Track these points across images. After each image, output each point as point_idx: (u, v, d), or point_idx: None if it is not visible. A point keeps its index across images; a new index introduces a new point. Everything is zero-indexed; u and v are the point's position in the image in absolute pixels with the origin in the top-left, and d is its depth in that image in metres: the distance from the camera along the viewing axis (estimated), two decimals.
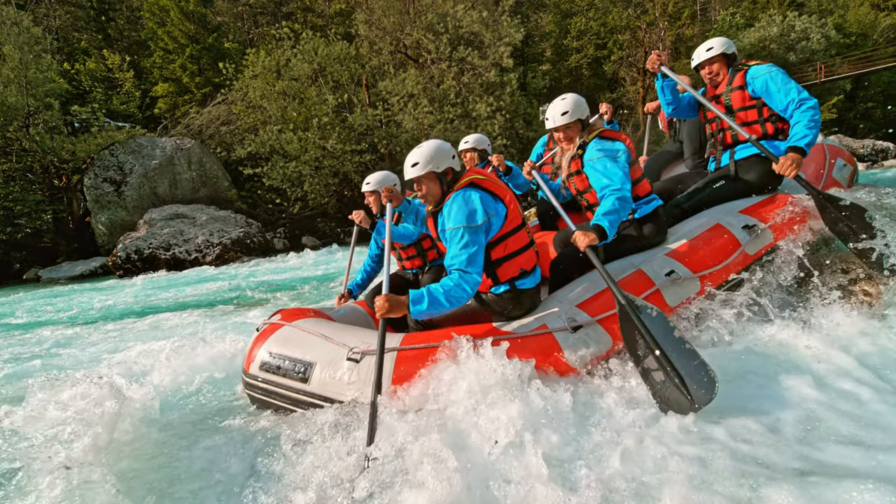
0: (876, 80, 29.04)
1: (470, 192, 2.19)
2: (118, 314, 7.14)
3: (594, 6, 29.14)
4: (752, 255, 2.72)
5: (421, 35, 18.10)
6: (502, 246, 2.25)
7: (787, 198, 2.99)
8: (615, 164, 2.55)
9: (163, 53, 22.81)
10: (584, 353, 2.16)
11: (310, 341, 2.36)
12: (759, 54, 26.85)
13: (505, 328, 2.23)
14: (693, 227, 2.82)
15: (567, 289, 2.49)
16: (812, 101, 2.71)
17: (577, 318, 2.22)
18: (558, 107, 2.67)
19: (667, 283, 2.44)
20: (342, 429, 1.99)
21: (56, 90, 17.45)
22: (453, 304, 2.08)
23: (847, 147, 21.24)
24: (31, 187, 16.85)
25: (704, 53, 3.03)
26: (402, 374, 2.08)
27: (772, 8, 29.50)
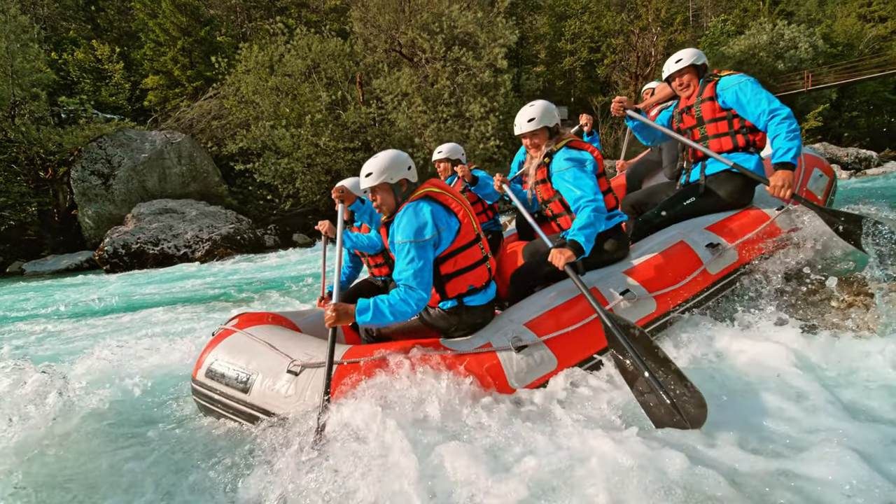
0: (861, 90, 29.67)
1: (422, 204, 2.17)
2: (97, 310, 7.04)
3: (588, 10, 29.35)
4: (713, 275, 2.63)
5: (416, 34, 18.08)
6: (452, 261, 2.23)
7: (758, 214, 2.91)
8: (584, 173, 2.51)
9: (154, 45, 22.49)
10: (525, 373, 2.14)
11: (255, 350, 2.33)
12: (749, 62, 27.30)
13: (450, 344, 2.22)
14: (656, 244, 2.74)
15: (520, 306, 2.47)
16: (785, 110, 2.64)
17: (522, 338, 2.20)
18: (525, 113, 2.64)
19: (621, 303, 2.38)
20: (278, 445, 1.97)
21: (43, 80, 17.15)
22: (397, 317, 2.08)
23: (832, 155, 21.67)
24: (16, 179, 16.56)
25: (674, 65, 3.00)
26: (339, 389, 2.04)
27: (762, 16, 29.99)
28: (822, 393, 1.91)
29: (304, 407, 2.04)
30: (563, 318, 2.31)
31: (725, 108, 2.84)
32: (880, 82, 29.03)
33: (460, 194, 2.42)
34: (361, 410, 1.91)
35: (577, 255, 2.32)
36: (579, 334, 2.29)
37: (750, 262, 2.73)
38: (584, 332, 2.30)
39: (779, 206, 2.91)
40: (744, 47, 27.29)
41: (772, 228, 2.84)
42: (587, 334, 2.30)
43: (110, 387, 2.90)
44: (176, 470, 2.11)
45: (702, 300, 2.58)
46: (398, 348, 2.19)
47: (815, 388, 1.95)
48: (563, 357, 2.22)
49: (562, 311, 2.36)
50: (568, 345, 2.25)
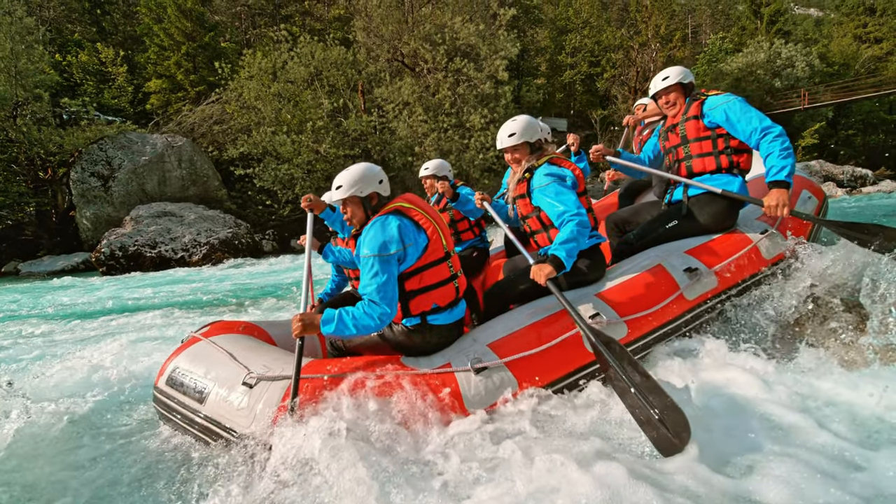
0: (857, 109, 30.07)
1: (390, 219, 2.15)
2: (85, 313, 7.01)
3: (589, 24, 29.75)
4: (690, 301, 2.52)
5: (418, 44, 18.28)
6: (417, 278, 2.20)
7: (741, 238, 2.80)
8: (565, 188, 2.47)
9: (158, 50, 22.65)
10: (483, 395, 2.08)
11: (216, 360, 2.29)
12: (746, 79, 27.67)
13: (409, 362, 2.18)
14: (633, 267, 2.66)
15: (487, 325, 2.42)
16: (777, 128, 2.58)
17: (484, 359, 2.14)
18: (506, 128, 2.62)
19: (591, 328, 2.26)
20: (230, 464, 1.95)
21: (46, 82, 17.23)
22: (360, 331, 2.06)
23: (827, 172, 21.88)
24: (15, 178, 16.56)
25: (661, 82, 2.93)
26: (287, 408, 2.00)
27: (759, 35, 30.44)
28: (799, 428, 1.84)
29: (255, 421, 1.98)
30: (529, 340, 2.25)
31: (710, 128, 2.78)
32: (876, 102, 29.45)
33: (435, 210, 2.40)
34: (310, 430, 1.86)
35: (557, 270, 2.28)
36: (544, 356, 2.21)
37: (730, 287, 2.63)
38: (549, 355, 2.22)
39: (762, 230, 2.83)
40: (741, 65, 27.67)
41: (754, 253, 2.75)
42: (553, 357, 2.22)
43: (76, 393, 2.90)
44: (112, 482, 2.09)
45: (678, 326, 2.49)
46: (357, 364, 2.15)
47: (790, 423, 1.87)
48: (524, 380, 2.14)
49: (529, 332, 2.29)
50: (531, 367, 2.17)
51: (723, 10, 39.65)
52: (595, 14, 30.54)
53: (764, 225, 2.89)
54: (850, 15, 36.70)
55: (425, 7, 19.33)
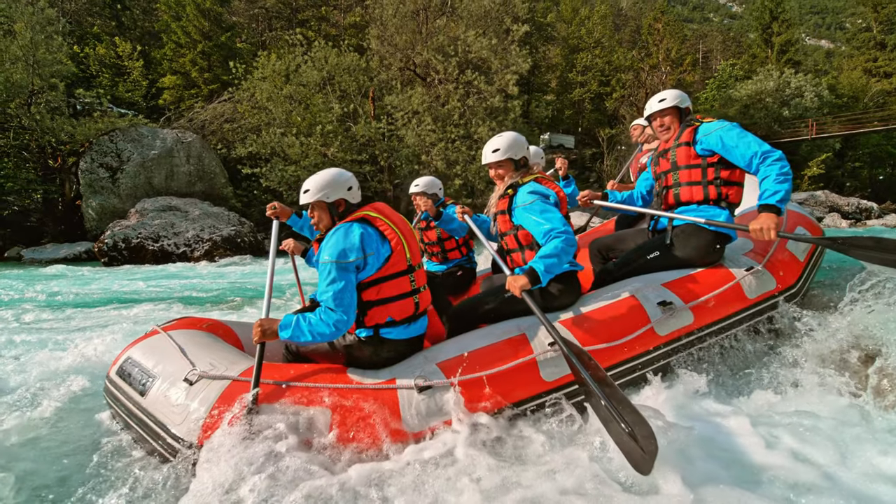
0: (864, 142, 30.17)
1: (354, 227, 2.12)
2: (71, 302, 7.00)
3: (601, 44, 30.03)
4: (662, 336, 2.39)
5: (431, 55, 18.50)
6: (376, 289, 2.15)
7: (724, 273, 2.67)
8: (550, 206, 2.39)
9: (174, 47, 23.01)
10: (424, 416, 1.99)
11: (167, 353, 2.25)
12: (755, 106, 27.85)
13: (355, 375, 2.11)
14: (605, 296, 2.55)
15: (444, 344, 2.34)
16: (777, 152, 2.47)
17: (430, 378, 2.06)
18: (491, 143, 2.56)
19: (547, 354, 2.19)
20: (164, 460, 1.93)
21: (63, 72, 17.48)
22: (315, 338, 2.02)
23: (833, 203, 21.88)
24: (25, 165, 16.72)
25: (656, 104, 2.81)
26: (221, 410, 1.95)
27: (770, 63, 30.69)
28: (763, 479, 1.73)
29: (187, 419, 1.94)
30: (482, 362, 2.14)
31: (702, 155, 2.66)
32: (884, 136, 29.55)
33: (404, 222, 2.36)
34: (233, 435, 1.82)
35: (532, 283, 2.20)
36: (497, 380, 2.11)
37: (708, 325, 2.50)
38: (502, 379, 2.12)
39: (747, 267, 2.67)
40: (750, 92, 27.88)
41: (737, 291, 2.60)
42: (507, 382, 2.13)
43: (26, 383, 2.91)
44: (35, 473, 2.08)
45: (647, 362, 2.36)
46: (300, 371, 2.12)
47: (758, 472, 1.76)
48: (473, 403, 2.05)
49: (483, 354, 2.19)
50: (481, 390, 2.08)
51: (734, 37, 40.08)
52: (607, 34, 30.86)
53: (751, 262, 2.75)
54: (860, 48, 37.00)
55: (440, 19, 19.59)
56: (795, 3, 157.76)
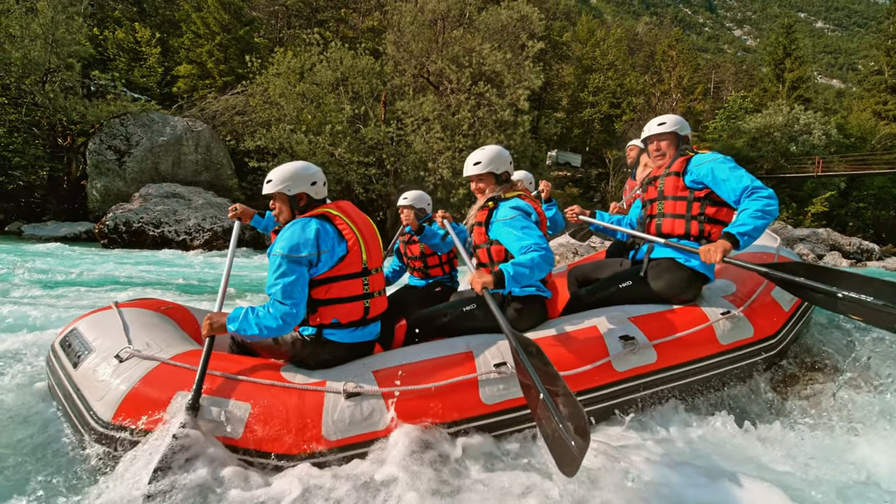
0: (870, 183, 30.27)
1: (312, 222, 2.09)
2: (65, 281, 6.97)
3: (614, 67, 30.29)
4: (620, 372, 2.25)
5: (445, 65, 18.68)
6: (325, 288, 2.10)
7: (698, 314, 2.50)
8: (531, 223, 2.33)
9: (193, 36, 23.26)
10: (347, 425, 1.89)
11: (111, 328, 2.21)
12: (763, 139, 28.01)
13: (288, 373, 2.04)
14: (567, 323, 2.44)
15: (388, 353, 2.27)
16: (766, 190, 2.34)
17: (362, 386, 1.97)
18: (473, 156, 2.52)
19: (490, 375, 2.09)
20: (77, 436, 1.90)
21: (80, 53, 17.63)
22: (263, 331, 1.96)
23: (834, 242, 21.88)
24: (34, 142, 16.79)
25: (655, 127, 2.71)
26: (139, 394, 1.90)
27: (780, 98, 30.93)
28: None
29: (108, 395, 1.91)
30: (422, 375, 2.05)
31: (690, 188, 2.55)
32: (889, 178, 29.65)
33: (368, 224, 2.33)
34: (143, 420, 1.81)
35: (495, 284, 2.11)
36: (434, 396, 2.01)
37: (671, 367, 2.35)
38: (439, 395, 2.01)
39: (724, 311, 2.51)
40: (759, 125, 28.07)
41: (708, 334, 2.44)
42: (444, 399, 2.01)
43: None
44: None
45: (599, 398, 2.21)
46: (235, 362, 2.07)
47: None
48: (404, 416, 1.95)
49: (425, 367, 2.10)
50: (413, 404, 1.98)
51: (747, 69, 40.45)
52: (621, 58, 31.15)
53: (729, 305, 2.58)
54: (871, 91, 37.28)
55: (457, 30, 19.81)
56: (809, 42, 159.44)
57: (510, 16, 19.75)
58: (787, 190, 28.28)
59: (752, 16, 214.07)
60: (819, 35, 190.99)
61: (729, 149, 28.66)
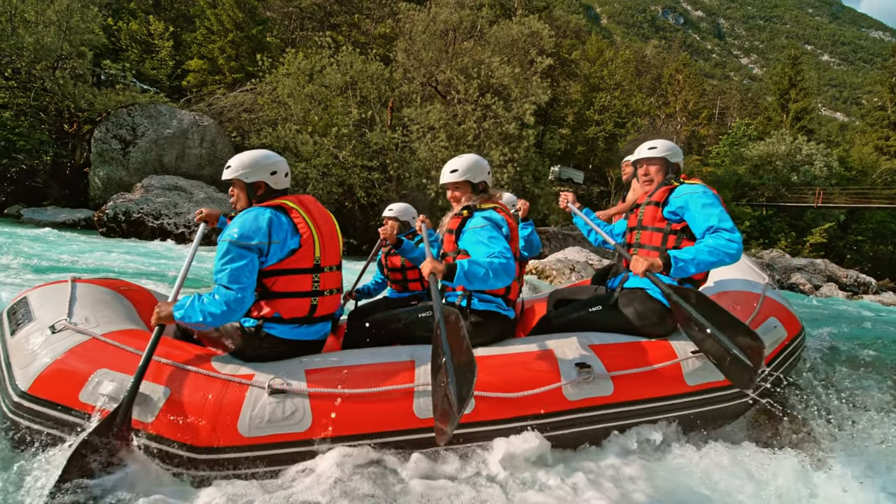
0: (869, 217, 30.47)
1: (267, 212, 2.03)
2: (50, 267, 6.95)
3: (621, 87, 30.57)
4: (571, 401, 2.10)
5: (454, 75, 18.83)
6: (271, 280, 2.04)
7: (666, 350, 2.35)
8: (500, 234, 2.26)
9: (206, 32, 23.46)
10: (265, 423, 1.81)
11: (57, 300, 2.18)
12: (765, 167, 28.22)
13: (218, 363, 1.97)
14: (530, 343, 2.33)
15: (330, 354, 2.19)
16: (732, 234, 2.18)
17: (290, 383, 1.89)
18: (450, 164, 2.49)
19: (428, 388, 1.95)
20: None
21: (93, 41, 17.74)
22: (207, 318, 1.88)
23: (831, 273, 21.92)
24: (40, 126, 16.81)
25: (646, 151, 2.61)
26: (61, 367, 1.86)
27: (784, 128, 31.21)
28: None
29: (31, 364, 1.88)
30: (357, 379, 1.96)
31: (667, 219, 2.43)
32: (889, 213, 29.84)
33: (327, 220, 2.28)
34: (55, 388, 1.78)
35: (445, 275, 2.04)
36: (362, 402, 1.90)
37: (628, 403, 2.19)
38: (367, 403, 1.91)
39: (695, 350, 2.31)
40: (762, 153, 28.31)
41: (674, 372, 2.28)
42: (373, 406, 1.92)
43: None
44: None
45: (547, 425, 2.07)
46: (170, 348, 2.01)
47: None
48: (325, 421, 1.85)
49: (364, 372, 2.01)
50: (340, 408, 1.88)
51: (752, 97, 40.86)
52: (628, 78, 31.46)
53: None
54: (874, 125, 37.66)
55: (467, 41, 20.01)
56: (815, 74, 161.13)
57: (521, 31, 19.97)
58: (787, 219, 28.44)
59: (760, 45, 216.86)
60: (825, 68, 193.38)
61: (731, 175, 28.87)
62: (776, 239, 26.78)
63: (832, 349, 2.86)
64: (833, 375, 2.94)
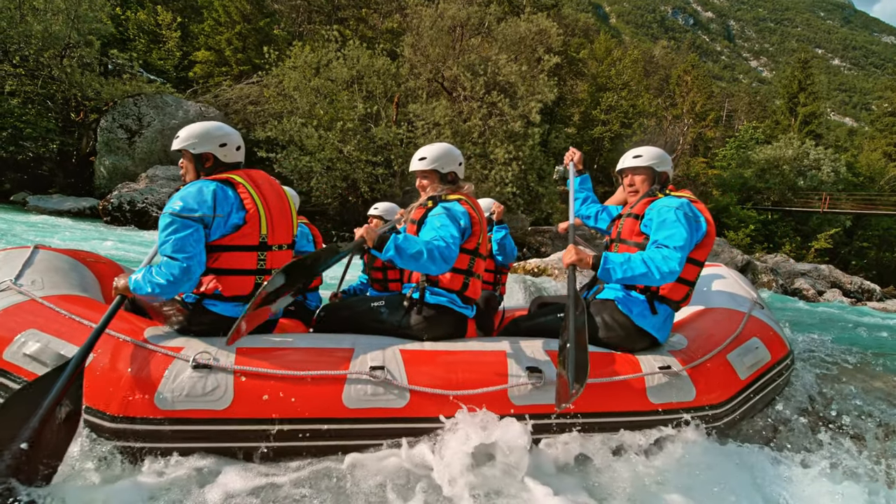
0: (876, 223, 30.24)
1: (214, 185, 1.97)
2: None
3: (628, 87, 30.40)
4: (517, 406, 2.01)
5: (460, 71, 18.76)
6: (214, 256, 1.98)
7: (630, 364, 2.24)
8: (452, 223, 2.17)
9: (213, 24, 23.45)
10: (184, 395, 1.75)
11: (12, 264, 2.21)
12: (771, 171, 28.03)
13: (149, 333, 1.93)
14: (486, 343, 2.22)
15: (273, 335, 2.14)
16: (675, 255, 2.07)
17: (217, 360, 1.83)
18: (420, 151, 2.45)
19: (361, 377, 1.91)
20: None
21: (101, 30, 17.79)
22: (155, 289, 1.83)
23: (835, 279, 21.78)
24: (47, 115, 16.88)
25: (630, 160, 2.49)
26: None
27: (792, 132, 30.99)
28: None
29: None
30: (291, 362, 1.89)
31: (645, 233, 2.33)
32: (895, 220, 29.63)
33: (278, 198, 2.20)
34: None
35: (377, 244, 1.99)
36: (288, 385, 1.83)
37: (580, 414, 2.07)
38: (297, 387, 1.84)
39: (663, 366, 2.24)
40: (769, 156, 28.12)
41: (636, 387, 2.16)
42: (301, 392, 1.84)
43: None
44: None
45: None
46: (106, 311, 1.98)
47: None
48: (248, 399, 1.79)
49: (300, 355, 1.95)
50: (264, 389, 1.81)
51: (760, 101, 40.55)
52: (636, 79, 31.26)
53: (672, 361, 2.29)
54: (883, 131, 37.36)
55: (475, 38, 19.92)
56: (825, 78, 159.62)
57: (529, 28, 19.86)
58: (792, 223, 28.26)
59: (770, 48, 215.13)
60: (835, 72, 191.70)
61: (737, 178, 28.70)
62: (781, 243, 26.61)
63: (830, 355, 2.82)
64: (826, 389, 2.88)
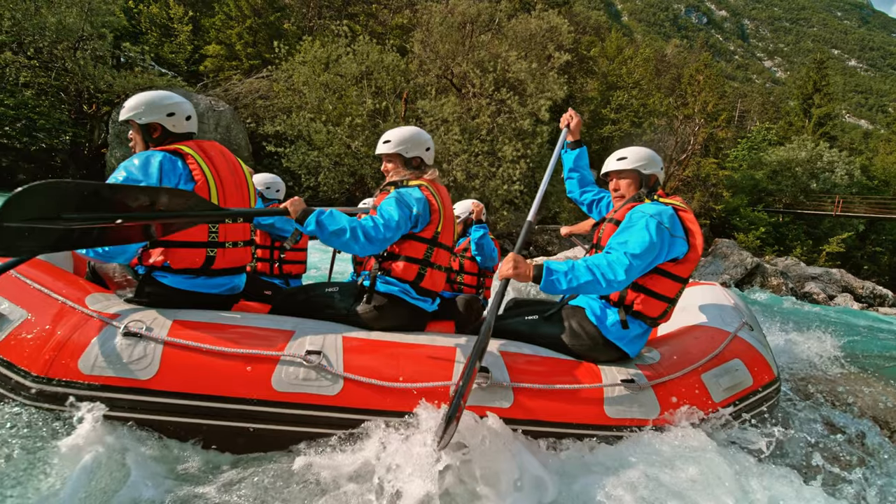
0: (890, 228, 29.74)
1: (161, 156, 1.92)
2: None
3: (639, 86, 30.13)
4: (474, 407, 1.90)
5: (470, 68, 18.68)
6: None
7: (592, 374, 2.10)
8: (397, 207, 2.08)
9: (224, 18, 23.56)
10: (105, 364, 1.71)
11: None
12: (783, 173, 27.64)
13: (91, 299, 1.90)
14: (437, 338, 2.12)
15: (220, 312, 2.06)
16: (622, 259, 1.92)
17: (151, 329, 1.80)
18: (386, 134, 2.38)
19: (294, 360, 1.83)
20: None
21: (114, 23, 17.93)
22: (104, 257, 1.87)
23: (847, 284, 21.47)
24: (60, 106, 17.08)
25: (614, 163, 2.35)
26: None
27: (805, 133, 30.53)
28: None
29: None
30: (223, 338, 1.84)
31: None
32: None
33: (232, 170, 2.15)
34: None
35: (300, 216, 1.94)
36: (217, 362, 1.78)
37: (526, 420, 1.94)
38: (223, 363, 1.79)
39: (626, 379, 2.10)
40: (781, 158, 27.73)
41: (593, 399, 2.02)
42: (230, 371, 1.78)
43: None
44: None
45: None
46: (56, 278, 1.96)
47: None
48: (174, 373, 1.74)
49: (237, 333, 1.89)
50: (191, 364, 1.77)
51: (774, 101, 40.00)
52: (647, 77, 30.96)
53: (638, 375, 2.14)
54: None
55: (485, 35, 19.83)
56: (840, 79, 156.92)
57: (539, 25, 19.72)
58: (804, 226, 27.87)
59: (785, 48, 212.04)
60: (851, 73, 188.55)
61: (748, 179, 28.34)
62: (792, 246, 26.26)
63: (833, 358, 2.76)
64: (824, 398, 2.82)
